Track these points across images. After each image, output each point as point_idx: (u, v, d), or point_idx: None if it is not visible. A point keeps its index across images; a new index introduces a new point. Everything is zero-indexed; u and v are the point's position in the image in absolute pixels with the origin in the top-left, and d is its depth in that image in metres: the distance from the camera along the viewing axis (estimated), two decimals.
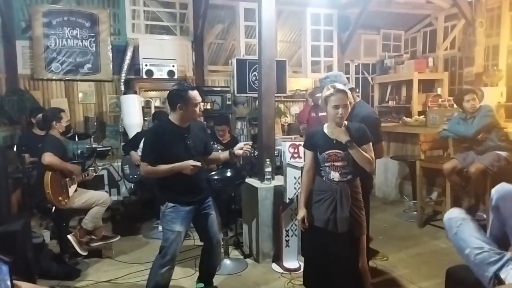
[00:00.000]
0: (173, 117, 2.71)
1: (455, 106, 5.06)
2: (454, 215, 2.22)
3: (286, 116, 7.04)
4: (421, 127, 5.28)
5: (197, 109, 2.70)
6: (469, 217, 2.19)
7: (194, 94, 2.66)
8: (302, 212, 2.52)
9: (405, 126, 5.59)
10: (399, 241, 4.10)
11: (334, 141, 2.40)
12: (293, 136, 5.98)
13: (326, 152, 2.41)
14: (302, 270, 3.39)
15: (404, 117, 6.08)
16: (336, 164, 2.39)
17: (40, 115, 4.47)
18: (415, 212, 4.75)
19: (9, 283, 1.54)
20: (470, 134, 3.96)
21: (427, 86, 7.35)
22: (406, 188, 5.56)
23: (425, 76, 7.09)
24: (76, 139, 4.81)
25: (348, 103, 2.37)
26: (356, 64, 8.20)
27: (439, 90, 7.00)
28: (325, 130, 2.46)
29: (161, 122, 2.91)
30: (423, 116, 5.70)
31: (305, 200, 2.53)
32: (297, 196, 3.41)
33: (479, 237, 2.06)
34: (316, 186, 2.48)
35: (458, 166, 3.99)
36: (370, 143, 2.42)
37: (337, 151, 2.38)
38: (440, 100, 6.24)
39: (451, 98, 5.71)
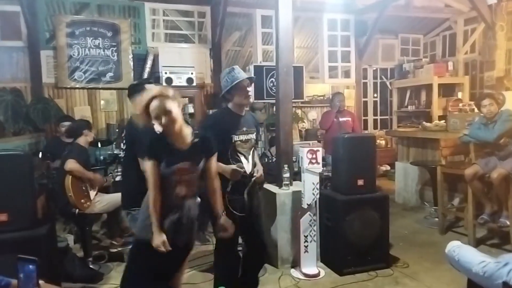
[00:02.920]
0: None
1: (476, 110, 4.98)
2: (449, 247, 2.40)
3: (304, 122, 7.04)
4: (442, 132, 5.20)
5: None
6: (462, 244, 2.38)
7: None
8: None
9: (425, 131, 5.51)
10: (420, 248, 4.04)
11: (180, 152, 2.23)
12: (310, 142, 6.00)
13: (177, 166, 2.20)
14: (321, 276, 3.41)
15: (423, 122, 6.00)
16: (184, 177, 2.23)
17: (67, 123, 4.63)
18: (436, 219, 4.68)
19: (35, 281, 1.59)
20: (492, 139, 3.89)
21: (447, 90, 7.24)
22: (426, 194, 5.47)
23: (445, 80, 6.99)
24: (99, 145, 4.93)
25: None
26: (374, 69, 8.16)
27: (459, 95, 6.90)
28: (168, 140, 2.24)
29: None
30: (444, 121, 5.62)
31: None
32: (315, 201, 3.42)
33: (478, 254, 2.23)
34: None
35: (479, 172, 3.92)
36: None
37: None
38: (460, 104, 6.14)
39: (472, 103, 5.62)
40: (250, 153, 2.76)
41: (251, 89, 2.76)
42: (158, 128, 2.08)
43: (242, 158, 2.71)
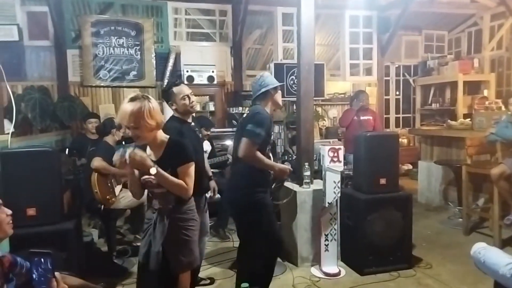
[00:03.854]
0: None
1: (503, 108, 4.85)
2: (474, 249, 2.34)
3: (324, 120, 7.00)
4: (467, 130, 5.08)
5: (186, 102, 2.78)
6: (487, 245, 2.31)
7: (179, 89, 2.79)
8: None
9: (449, 129, 5.39)
10: (443, 249, 3.97)
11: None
12: (331, 140, 5.95)
13: (143, 178, 2.12)
14: (342, 275, 3.39)
15: (448, 120, 5.87)
16: (156, 191, 2.13)
17: (94, 120, 4.73)
18: (460, 219, 4.58)
19: (51, 274, 1.61)
20: None
21: (473, 88, 7.06)
22: (450, 194, 5.36)
23: (470, 78, 6.82)
24: (123, 143, 5.02)
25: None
26: (397, 66, 8.01)
27: (485, 92, 6.71)
28: (148, 151, 2.18)
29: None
30: (469, 119, 5.49)
31: None
32: (336, 200, 3.40)
33: (505, 256, 2.17)
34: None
35: (506, 172, 3.82)
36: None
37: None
38: (487, 102, 5.98)
39: (499, 101, 5.46)
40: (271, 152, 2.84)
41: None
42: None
43: (271, 156, 2.79)
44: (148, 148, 2.18)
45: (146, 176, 2.08)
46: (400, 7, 6.65)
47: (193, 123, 2.93)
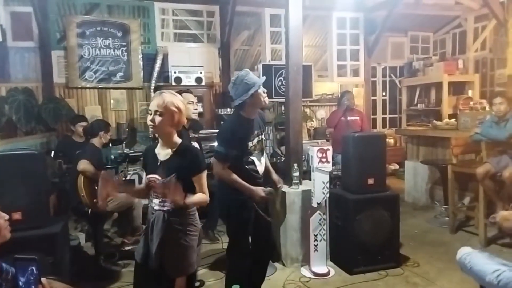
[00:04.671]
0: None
1: (487, 108, 4.94)
2: (460, 255, 2.36)
3: (312, 121, 7.03)
4: (452, 130, 5.16)
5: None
6: (473, 250, 2.33)
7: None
8: None
9: (435, 129, 5.47)
10: (430, 247, 4.02)
11: (159, 163, 2.11)
12: (319, 141, 5.99)
13: (147, 176, 2.11)
14: (331, 275, 3.41)
15: (434, 121, 5.96)
16: (159, 191, 2.07)
17: (82, 123, 4.67)
18: (447, 218, 4.65)
19: (37, 279, 1.58)
20: (503, 137, 3.86)
21: (457, 88, 7.18)
22: (436, 193, 5.43)
23: (455, 78, 6.93)
24: (110, 145, 4.97)
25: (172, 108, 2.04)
26: (383, 67, 8.11)
27: (470, 93, 6.84)
28: (156, 150, 2.15)
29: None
30: (454, 119, 5.58)
31: None
32: (325, 200, 3.42)
33: (491, 262, 2.16)
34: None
35: (491, 171, 3.89)
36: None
37: (156, 176, 2.05)
38: (471, 102, 6.09)
39: (484, 101, 5.56)
40: (260, 154, 2.76)
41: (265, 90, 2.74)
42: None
43: (255, 160, 2.70)
44: (158, 147, 2.16)
45: (151, 176, 2.07)
46: (386, 9, 6.73)
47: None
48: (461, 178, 4.56)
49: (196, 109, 2.86)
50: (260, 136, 2.78)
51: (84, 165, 3.47)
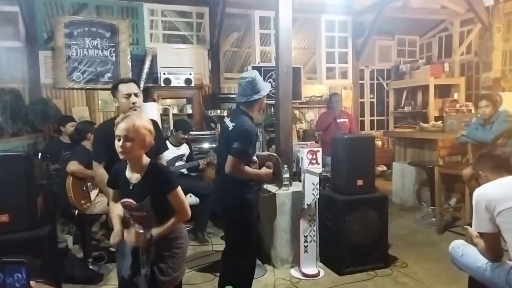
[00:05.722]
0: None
1: (473, 111, 5.03)
2: (453, 245, 2.46)
3: (302, 123, 7.07)
4: (439, 132, 5.24)
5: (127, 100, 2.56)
6: (468, 243, 2.42)
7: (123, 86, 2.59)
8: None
9: (422, 131, 5.56)
10: (418, 247, 4.07)
11: (131, 187, 2.01)
12: (308, 143, 6.01)
13: (122, 200, 2.00)
14: (321, 276, 3.43)
15: (421, 123, 6.05)
16: (136, 214, 1.99)
17: (72, 123, 4.61)
18: (434, 219, 4.71)
19: (26, 283, 1.57)
20: (489, 139, 3.93)
21: (443, 91, 7.31)
22: (424, 194, 5.51)
23: (441, 81, 7.06)
24: None
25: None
26: (371, 70, 8.21)
27: (455, 95, 6.97)
28: (127, 174, 2.05)
29: None
30: (440, 121, 5.67)
31: None
32: (315, 202, 3.44)
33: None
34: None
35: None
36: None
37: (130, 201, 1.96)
38: (457, 105, 6.20)
39: (469, 104, 5.67)
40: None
41: None
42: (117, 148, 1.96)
43: (254, 157, 2.78)
44: (127, 169, 2.06)
45: (126, 200, 1.97)
46: (374, 12, 6.82)
47: None
48: (447, 179, 4.64)
49: (134, 103, 2.54)
50: None
51: (73, 166, 3.44)
